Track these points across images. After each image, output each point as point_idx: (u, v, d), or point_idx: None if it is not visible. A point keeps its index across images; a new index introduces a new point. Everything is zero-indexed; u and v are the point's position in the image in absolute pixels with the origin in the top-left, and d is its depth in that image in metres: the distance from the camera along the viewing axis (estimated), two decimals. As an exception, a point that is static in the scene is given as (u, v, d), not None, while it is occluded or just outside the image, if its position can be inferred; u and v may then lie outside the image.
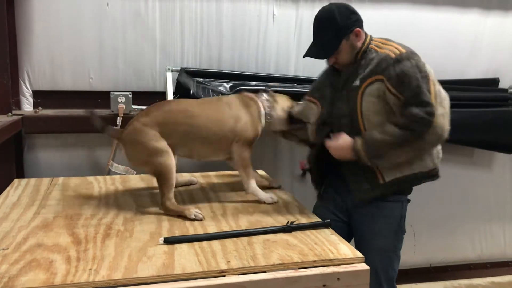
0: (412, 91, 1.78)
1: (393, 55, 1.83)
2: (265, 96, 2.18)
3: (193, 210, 1.85)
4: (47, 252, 1.49)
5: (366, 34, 1.96)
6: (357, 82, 1.89)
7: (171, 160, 1.92)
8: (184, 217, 1.83)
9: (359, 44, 1.92)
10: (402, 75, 1.79)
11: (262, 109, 2.13)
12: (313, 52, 1.98)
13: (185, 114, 2.00)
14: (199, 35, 2.79)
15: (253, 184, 2.05)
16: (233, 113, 2.06)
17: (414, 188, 2.01)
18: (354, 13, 1.94)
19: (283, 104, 2.21)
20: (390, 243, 1.99)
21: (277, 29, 2.91)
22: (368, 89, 1.86)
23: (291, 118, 2.18)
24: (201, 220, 1.82)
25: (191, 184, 2.31)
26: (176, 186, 2.10)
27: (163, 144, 1.92)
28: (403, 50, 1.84)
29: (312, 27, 1.98)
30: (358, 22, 1.93)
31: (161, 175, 1.90)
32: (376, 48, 1.91)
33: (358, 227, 2.05)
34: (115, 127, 2.11)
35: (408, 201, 2.02)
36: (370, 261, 1.93)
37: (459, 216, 3.43)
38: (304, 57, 2.00)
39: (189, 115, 2.00)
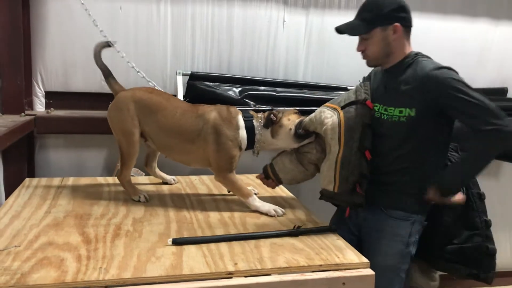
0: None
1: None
2: (259, 115, 2.06)
3: (139, 194, 2.07)
4: (58, 250, 1.51)
5: (410, 46, 1.90)
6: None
7: (134, 149, 2.05)
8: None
9: (394, 43, 1.85)
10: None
11: (242, 131, 2.01)
12: (343, 26, 1.91)
13: (162, 113, 2.04)
14: (210, 39, 2.82)
15: (251, 202, 2.00)
16: (202, 137, 2.00)
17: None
18: (404, 11, 1.84)
19: (287, 118, 2.04)
20: (391, 262, 1.89)
21: (286, 35, 2.93)
22: None
23: (298, 134, 2.02)
24: (144, 202, 2.05)
25: (166, 183, 2.38)
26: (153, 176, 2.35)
27: (135, 130, 2.03)
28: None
29: None
30: (404, 20, 1.84)
31: (123, 154, 2.07)
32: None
33: (364, 241, 2.00)
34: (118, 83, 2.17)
35: (423, 223, 1.95)
36: None
37: (465, 224, 3.43)
38: (335, 29, 1.92)
39: (163, 115, 2.04)
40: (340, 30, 1.91)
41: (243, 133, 2.01)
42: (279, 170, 2.09)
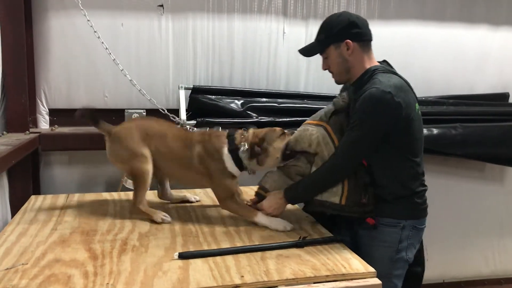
0: None
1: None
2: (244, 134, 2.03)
3: (160, 214, 1.98)
4: (65, 267, 1.52)
5: (371, 60, 1.91)
6: None
7: (148, 166, 1.99)
8: (152, 220, 1.97)
9: (351, 58, 1.88)
10: None
11: (229, 162, 1.99)
12: (302, 49, 2.02)
13: (161, 140, 2.04)
14: (211, 53, 2.85)
15: (259, 220, 1.96)
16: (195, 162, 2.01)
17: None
18: (356, 27, 1.87)
19: (273, 147, 1.98)
20: (383, 268, 1.77)
21: (287, 46, 2.95)
22: None
23: (284, 153, 1.99)
24: (168, 223, 1.96)
25: (188, 202, 2.30)
26: (172, 202, 2.26)
27: (145, 150, 2.00)
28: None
29: None
30: (357, 36, 1.87)
31: (137, 178, 2.00)
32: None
33: (358, 247, 1.97)
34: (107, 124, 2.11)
35: (418, 227, 1.93)
36: None
37: (471, 231, 3.41)
38: (298, 51, 2.04)
39: (162, 142, 2.04)
40: (300, 52, 2.02)
41: (230, 163, 1.99)
42: (270, 188, 2.05)
